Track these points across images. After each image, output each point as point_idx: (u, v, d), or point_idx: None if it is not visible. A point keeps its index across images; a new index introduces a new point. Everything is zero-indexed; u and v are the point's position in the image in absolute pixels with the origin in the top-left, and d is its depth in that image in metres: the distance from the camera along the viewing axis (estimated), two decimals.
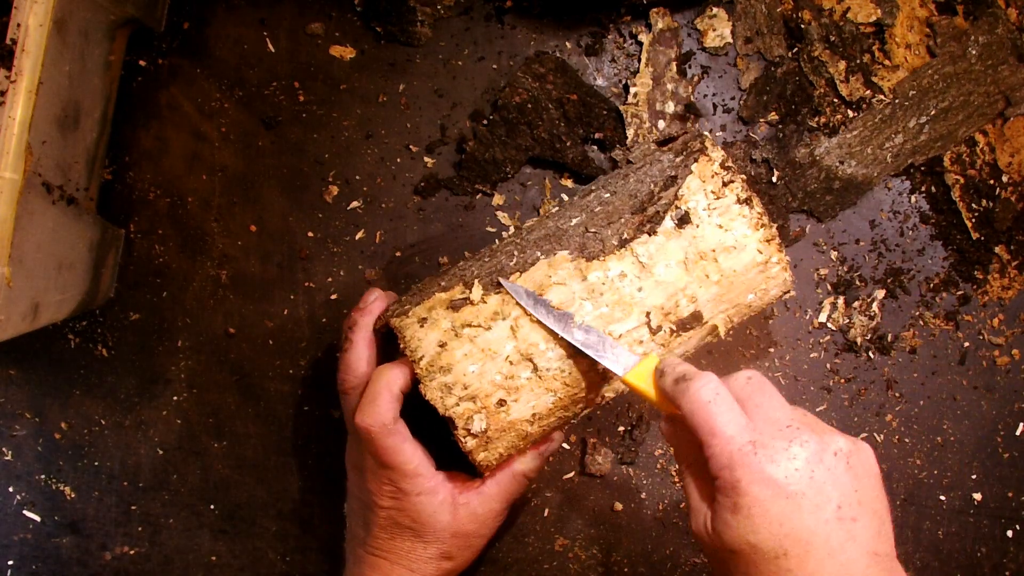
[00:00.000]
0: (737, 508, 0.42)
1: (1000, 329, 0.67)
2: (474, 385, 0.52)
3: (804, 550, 0.41)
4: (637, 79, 0.65)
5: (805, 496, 0.42)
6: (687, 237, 0.53)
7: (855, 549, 0.42)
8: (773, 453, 0.43)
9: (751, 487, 0.42)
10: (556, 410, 0.53)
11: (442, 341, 0.52)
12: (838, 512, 0.42)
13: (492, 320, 0.52)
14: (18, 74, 0.49)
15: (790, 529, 0.42)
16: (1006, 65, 0.65)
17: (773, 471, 0.42)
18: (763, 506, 0.42)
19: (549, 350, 0.52)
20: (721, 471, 0.43)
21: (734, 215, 0.53)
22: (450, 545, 0.55)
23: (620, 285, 0.53)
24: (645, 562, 0.65)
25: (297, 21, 0.65)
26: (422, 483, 0.53)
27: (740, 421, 0.44)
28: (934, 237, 0.67)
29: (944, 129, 0.65)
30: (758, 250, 0.53)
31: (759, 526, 0.42)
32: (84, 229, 0.59)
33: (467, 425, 0.52)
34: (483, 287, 0.53)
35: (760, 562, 0.42)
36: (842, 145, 0.65)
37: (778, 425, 0.44)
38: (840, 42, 0.65)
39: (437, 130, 0.66)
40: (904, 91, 0.65)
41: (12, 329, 0.52)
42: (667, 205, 0.53)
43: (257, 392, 0.65)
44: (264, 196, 0.65)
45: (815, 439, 0.43)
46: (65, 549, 0.65)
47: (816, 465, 0.42)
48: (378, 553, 0.55)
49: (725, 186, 0.53)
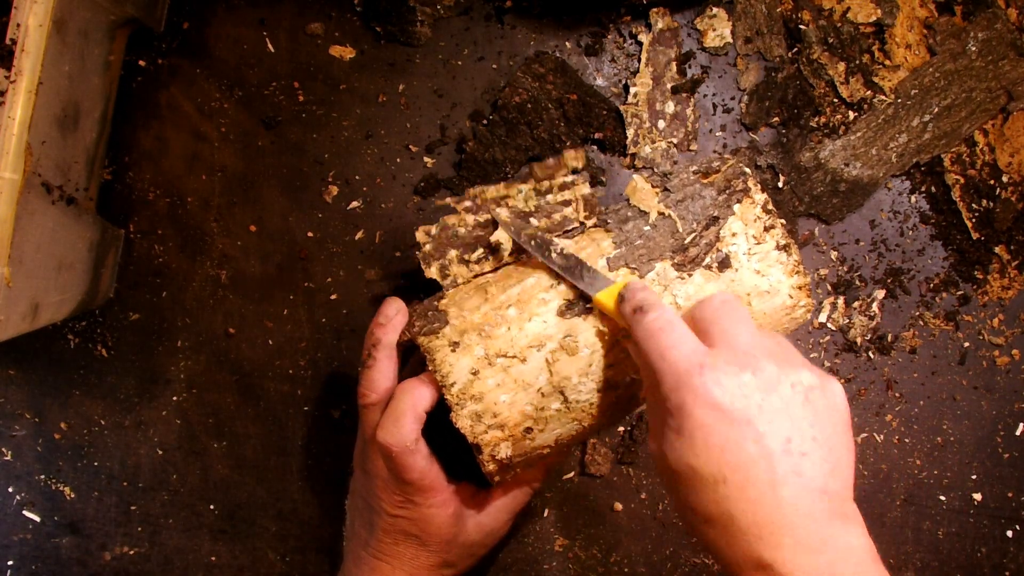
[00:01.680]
0: (680, 430, 0.41)
1: (1000, 329, 0.67)
2: (504, 414, 0.52)
3: (743, 478, 0.40)
4: (637, 79, 0.65)
5: (750, 424, 0.41)
6: (725, 280, 0.53)
7: (799, 484, 0.40)
8: (721, 376, 0.41)
9: (695, 410, 0.41)
10: (577, 436, 0.54)
11: (475, 369, 0.52)
12: (786, 445, 0.41)
13: (527, 351, 0.52)
14: (18, 74, 0.49)
15: (731, 457, 0.40)
16: (1007, 60, 0.65)
17: (719, 395, 0.41)
18: (706, 430, 0.41)
19: (581, 384, 0.52)
20: (669, 393, 0.42)
21: (772, 261, 0.53)
22: (453, 554, 0.55)
23: None
24: (645, 562, 0.65)
25: (297, 21, 0.65)
26: (435, 497, 0.53)
27: (691, 345, 0.43)
28: (934, 237, 0.67)
29: (948, 127, 0.65)
30: (789, 295, 0.53)
31: (700, 450, 0.41)
32: (84, 229, 0.59)
33: (493, 452, 0.52)
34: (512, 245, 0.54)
35: (700, 487, 0.41)
36: (846, 147, 0.65)
37: (735, 351, 0.43)
38: (839, 43, 0.65)
39: (437, 130, 0.66)
40: (906, 90, 0.65)
41: (12, 329, 0.52)
42: (708, 246, 0.53)
43: (257, 392, 0.65)
44: (264, 196, 0.65)
45: (772, 369, 0.42)
46: (65, 549, 0.65)
47: (767, 394, 0.41)
48: (380, 556, 0.55)
49: (766, 231, 0.53)
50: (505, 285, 0.54)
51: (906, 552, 0.66)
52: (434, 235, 0.56)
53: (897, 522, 0.66)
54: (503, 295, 0.53)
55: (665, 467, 0.43)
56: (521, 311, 0.53)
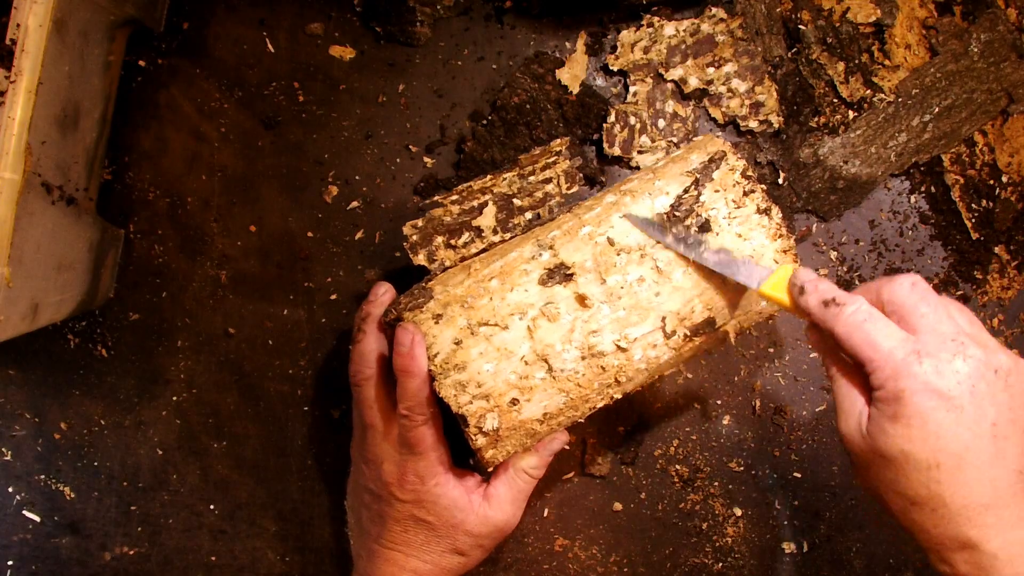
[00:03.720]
0: (897, 417, 0.43)
1: (1000, 329, 0.67)
2: (488, 384, 0.52)
3: (956, 463, 0.42)
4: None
5: (964, 410, 0.42)
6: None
7: (1004, 466, 0.43)
8: (938, 364, 0.43)
9: (914, 397, 0.43)
10: (566, 410, 0.54)
11: (457, 339, 0.52)
12: (993, 429, 0.43)
13: (509, 319, 0.52)
14: (18, 74, 0.49)
15: (947, 442, 0.42)
16: (1008, 62, 0.65)
17: (938, 382, 0.43)
18: (924, 416, 0.42)
19: (565, 351, 0.52)
20: (886, 382, 0.44)
21: (753, 225, 0.54)
22: (462, 542, 0.56)
23: (638, 289, 0.53)
24: (645, 562, 0.65)
25: (297, 21, 0.65)
26: (441, 475, 0.54)
27: (899, 335, 0.45)
28: (934, 237, 0.67)
29: (948, 127, 0.65)
30: (775, 260, 0.54)
31: (916, 436, 0.43)
32: (84, 229, 0.59)
33: (479, 424, 0.52)
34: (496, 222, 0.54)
35: (912, 471, 0.43)
36: (846, 145, 0.65)
37: (944, 337, 0.44)
38: (837, 44, 0.65)
39: (436, 130, 0.66)
40: (907, 89, 0.65)
41: (12, 329, 0.52)
42: (687, 212, 0.54)
43: (257, 392, 0.65)
44: (264, 196, 0.65)
45: (980, 353, 0.44)
46: (65, 549, 0.65)
47: (978, 380, 0.43)
48: (392, 546, 0.55)
49: (746, 195, 0.54)
50: (488, 260, 0.55)
51: (906, 553, 0.66)
52: (420, 227, 0.57)
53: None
54: (486, 269, 0.54)
55: (871, 452, 0.45)
56: (503, 282, 0.53)
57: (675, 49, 0.64)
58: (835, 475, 0.66)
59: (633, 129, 0.64)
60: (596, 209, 0.55)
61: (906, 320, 0.46)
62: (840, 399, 0.47)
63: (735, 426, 0.66)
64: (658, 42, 0.64)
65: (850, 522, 0.66)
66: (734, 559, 0.65)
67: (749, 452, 0.66)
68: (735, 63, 0.64)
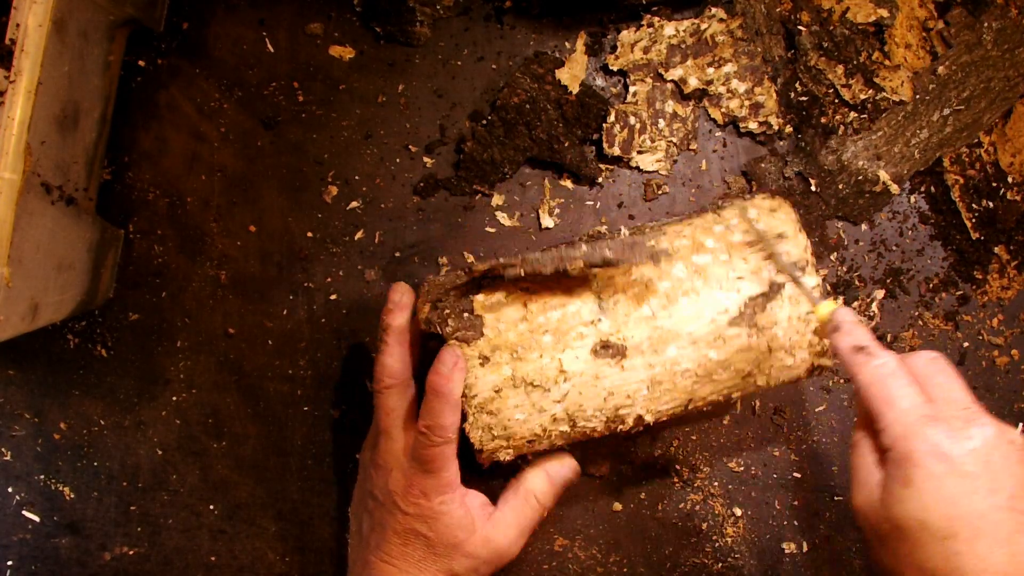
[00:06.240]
0: (909, 481, 0.42)
1: (999, 329, 0.67)
2: (513, 430, 0.53)
3: (974, 534, 0.41)
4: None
5: (979, 479, 0.41)
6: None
7: (1022, 541, 0.41)
8: (950, 429, 0.42)
9: (925, 459, 0.42)
10: (568, 441, 0.57)
11: (498, 387, 0.53)
12: (1010, 502, 0.41)
13: (554, 385, 0.53)
14: (17, 74, 0.49)
15: (962, 510, 0.41)
16: (1022, 48, 0.65)
17: (949, 447, 0.42)
18: (936, 481, 0.41)
19: (593, 416, 0.54)
20: (895, 441, 0.43)
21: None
22: (459, 564, 0.55)
23: (680, 380, 0.54)
24: (645, 562, 0.65)
25: (296, 21, 0.65)
26: (449, 493, 0.54)
27: (917, 398, 0.44)
28: (933, 237, 0.67)
29: (968, 118, 0.65)
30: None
31: (930, 503, 0.41)
32: (83, 229, 0.59)
33: (493, 456, 0.55)
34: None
35: (928, 541, 0.42)
36: (868, 147, 0.65)
37: (957, 406, 0.44)
38: (833, 47, 0.65)
39: (436, 130, 0.66)
40: (924, 85, 0.65)
41: (11, 329, 0.52)
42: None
43: (257, 392, 0.65)
44: (263, 196, 0.65)
45: (993, 424, 0.43)
46: (64, 549, 0.65)
47: (993, 451, 0.42)
48: (388, 560, 0.55)
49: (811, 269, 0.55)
50: (546, 305, 0.54)
51: None
52: (426, 290, 0.57)
53: None
54: (542, 317, 0.53)
55: (886, 523, 0.43)
56: (557, 341, 0.53)
57: (675, 49, 0.64)
58: (835, 475, 0.66)
59: (633, 129, 0.64)
60: (665, 283, 0.54)
61: (922, 387, 0.45)
62: (856, 468, 0.47)
63: (735, 426, 0.66)
64: (658, 42, 0.64)
65: (850, 522, 0.66)
66: (734, 559, 0.65)
67: (749, 452, 0.66)
68: (735, 63, 0.64)
